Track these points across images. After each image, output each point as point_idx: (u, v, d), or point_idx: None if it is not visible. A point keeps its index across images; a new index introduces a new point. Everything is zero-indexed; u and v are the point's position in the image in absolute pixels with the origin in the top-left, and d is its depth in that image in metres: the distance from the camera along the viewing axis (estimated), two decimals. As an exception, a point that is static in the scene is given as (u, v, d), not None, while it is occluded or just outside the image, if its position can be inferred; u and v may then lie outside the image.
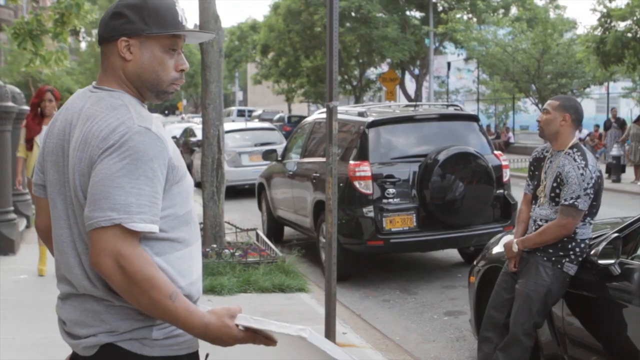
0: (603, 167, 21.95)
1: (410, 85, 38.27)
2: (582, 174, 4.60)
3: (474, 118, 9.39)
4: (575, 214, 4.62)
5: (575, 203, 4.60)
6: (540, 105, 24.53)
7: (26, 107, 11.11)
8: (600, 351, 4.56)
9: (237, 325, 2.12)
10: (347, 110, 9.73)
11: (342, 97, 46.45)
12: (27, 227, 10.88)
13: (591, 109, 33.20)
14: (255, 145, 17.39)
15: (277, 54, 42.47)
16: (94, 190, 2.04)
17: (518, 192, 16.53)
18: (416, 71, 37.00)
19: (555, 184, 4.72)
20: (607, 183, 19.76)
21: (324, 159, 7.46)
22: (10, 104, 9.37)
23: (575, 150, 4.73)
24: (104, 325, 2.13)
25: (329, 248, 6.01)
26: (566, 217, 4.64)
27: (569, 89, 24.61)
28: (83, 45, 57.99)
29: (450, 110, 9.82)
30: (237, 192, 16.96)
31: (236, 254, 8.60)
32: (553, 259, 4.71)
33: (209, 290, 7.51)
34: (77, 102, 2.23)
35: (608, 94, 29.94)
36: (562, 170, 4.67)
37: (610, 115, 25.17)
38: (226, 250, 8.61)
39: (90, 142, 2.08)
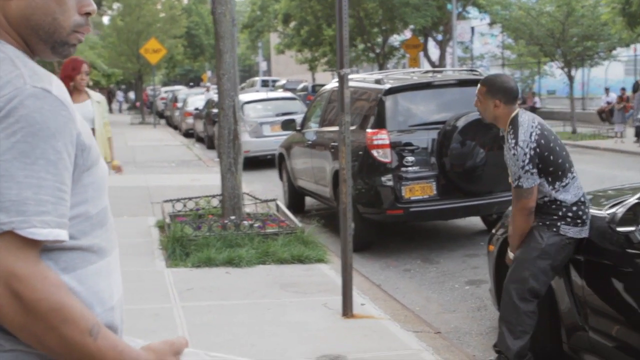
0: (630, 131, 21.58)
1: (434, 51, 37.82)
2: (514, 154, 4.54)
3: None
4: (525, 193, 4.55)
5: (519, 184, 4.54)
6: (565, 70, 24.11)
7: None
8: (622, 320, 4.43)
9: None
10: (364, 78, 9.59)
11: (366, 64, 46.12)
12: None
13: (619, 72, 32.61)
14: (277, 115, 17.25)
15: (298, 23, 42.07)
16: None
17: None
18: (439, 37, 36.54)
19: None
20: (634, 146, 19.44)
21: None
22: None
23: (509, 128, 4.64)
24: None
25: (343, 218, 5.93)
26: (518, 199, 4.61)
27: (594, 51, 24.15)
28: (105, 19, 57.99)
29: (470, 75, 9.61)
30: (259, 163, 16.89)
31: (255, 225, 8.52)
32: (547, 222, 4.63)
33: (227, 262, 7.47)
34: None
35: (635, 56, 29.40)
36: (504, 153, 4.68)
37: (638, 78, 24.67)
38: (245, 222, 8.54)
39: None
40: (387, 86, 8.60)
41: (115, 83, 48.10)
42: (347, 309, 5.87)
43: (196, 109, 27.16)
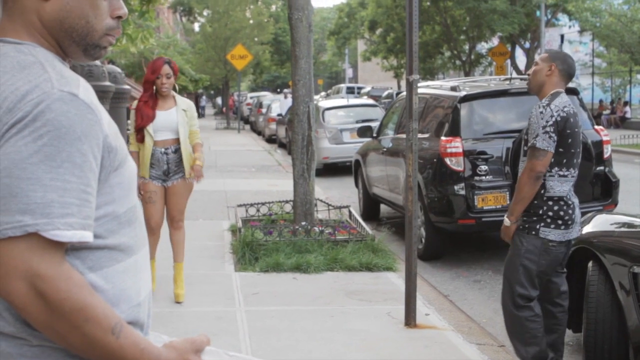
0: None
1: (522, 59, 37.22)
2: (541, 112, 4.42)
3: (572, 91, 8.94)
4: (538, 154, 4.42)
5: (534, 142, 4.42)
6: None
7: (126, 87, 11.35)
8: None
9: None
10: (440, 85, 9.48)
11: (452, 72, 45.71)
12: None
13: None
14: (357, 122, 17.20)
15: (385, 30, 42.11)
16: None
17: (630, 169, 15.84)
18: (527, 45, 35.92)
19: (526, 136, 4.59)
20: None
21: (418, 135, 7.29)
22: (107, 83, 9.55)
23: (549, 96, 4.53)
24: None
25: (409, 226, 5.85)
26: (529, 159, 4.48)
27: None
28: (196, 26, 59.11)
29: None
30: (338, 170, 16.90)
31: (325, 231, 8.51)
32: (527, 225, 4.53)
33: (295, 268, 7.47)
34: None
35: None
36: (529, 117, 4.57)
37: None
38: (315, 228, 8.54)
39: None
40: (463, 93, 8.48)
41: (203, 88, 48.94)
42: (409, 319, 5.79)
43: (279, 114, 27.39)
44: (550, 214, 4.52)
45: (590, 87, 35.75)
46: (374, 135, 11.27)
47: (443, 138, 8.31)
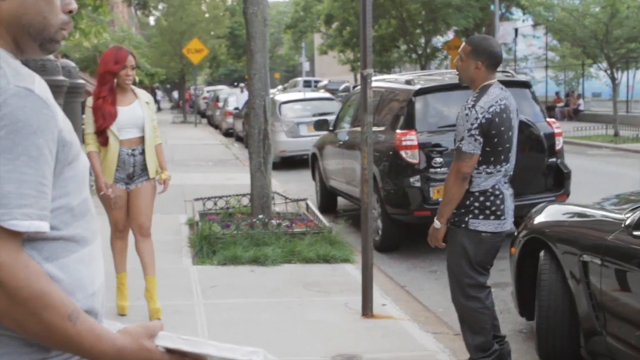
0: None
1: (476, 52, 37.53)
2: (466, 114, 4.43)
3: (525, 84, 9.11)
4: (464, 157, 4.44)
5: (460, 145, 4.44)
6: (609, 72, 23.74)
7: (80, 81, 11.25)
8: (640, 325, 4.36)
9: (157, 346, 1.66)
10: (396, 79, 9.58)
11: (408, 65, 45.94)
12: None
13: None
14: (314, 115, 17.27)
15: (341, 24, 42.19)
16: None
17: (583, 161, 16.07)
18: (482, 38, 36.23)
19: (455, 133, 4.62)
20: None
21: (372, 128, 7.35)
22: (61, 77, 9.47)
23: (477, 92, 4.53)
24: None
25: (364, 218, 5.92)
26: (455, 161, 4.51)
27: (639, 53, 23.73)
28: (151, 20, 58.59)
29: (501, 76, 9.52)
30: (295, 163, 16.94)
31: (283, 224, 8.56)
32: (456, 219, 4.59)
33: (253, 261, 7.51)
34: None
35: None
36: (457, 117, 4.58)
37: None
38: (273, 221, 8.58)
39: None
40: (417, 87, 8.57)
41: (159, 82, 48.58)
42: (366, 309, 5.87)
43: (236, 108, 27.34)
44: (477, 204, 4.54)
45: (544, 80, 36.22)
46: (331, 128, 11.34)
47: (398, 131, 8.40)
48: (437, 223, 4.71)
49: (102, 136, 5.65)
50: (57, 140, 1.58)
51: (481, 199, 4.55)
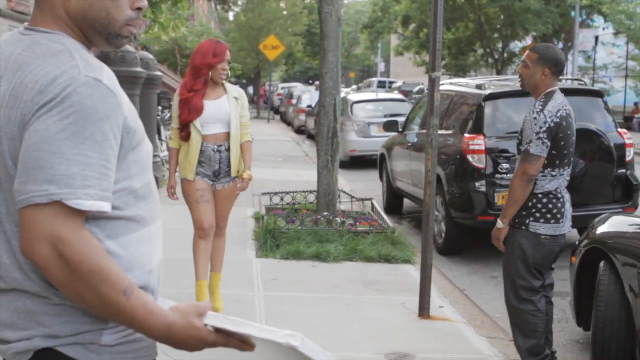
0: None
1: (554, 59, 36.98)
2: (534, 118, 4.48)
3: (598, 94, 8.99)
4: (531, 159, 4.49)
5: (528, 147, 4.49)
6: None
7: (157, 73, 11.54)
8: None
9: (206, 325, 1.74)
10: (467, 83, 9.58)
11: (484, 69, 45.51)
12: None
13: None
14: (385, 116, 17.31)
15: (418, 25, 42.01)
16: (26, 157, 1.60)
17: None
18: (560, 45, 35.72)
19: (519, 138, 4.66)
20: None
21: (440, 131, 7.37)
22: (138, 69, 9.75)
23: (543, 97, 4.58)
24: (40, 328, 1.71)
25: (426, 219, 5.97)
26: (522, 163, 4.56)
27: None
28: (230, 15, 59.32)
29: (574, 84, 9.44)
30: (364, 162, 17.02)
31: (347, 222, 8.65)
32: (517, 221, 4.63)
33: (315, 256, 7.63)
34: (4, 47, 1.76)
35: None
36: (523, 121, 4.62)
37: None
38: (337, 219, 8.68)
39: (22, 97, 1.64)
40: (488, 92, 8.57)
41: (235, 77, 49.19)
42: (423, 310, 5.92)
43: (309, 106, 27.53)
44: (539, 206, 4.61)
45: (623, 90, 35.47)
46: (400, 129, 11.38)
47: (466, 135, 8.41)
48: (499, 223, 4.78)
49: (184, 130, 5.52)
50: (122, 127, 1.70)
51: (544, 200, 4.62)
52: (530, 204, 4.63)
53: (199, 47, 5.59)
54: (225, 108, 5.55)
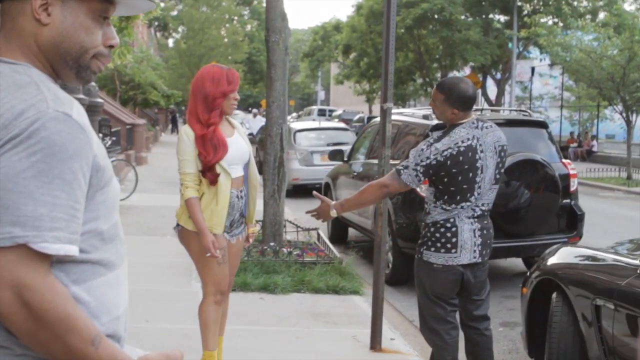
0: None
1: (492, 89, 37.70)
2: (422, 149, 4.41)
3: (542, 125, 9.12)
4: (397, 180, 4.43)
5: (400, 170, 4.41)
6: (624, 115, 23.74)
7: (99, 100, 11.34)
8: (651, 373, 4.33)
9: None
10: (413, 113, 9.60)
11: (424, 99, 46.10)
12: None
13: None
14: (328, 144, 17.33)
15: (358, 55, 42.47)
16: None
17: (594, 202, 16.00)
18: (498, 75, 36.42)
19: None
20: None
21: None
22: (80, 95, 9.57)
23: (445, 130, 4.51)
24: None
25: (377, 250, 5.92)
26: (389, 178, 4.50)
27: (656, 97, 23.74)
28: (170, 42, 59.06)
29: (519, 115, 9.56)
30: (307, 191, 16.94)
31: (293, 252, 8.56)
32: (416, 249, 4.67)
33: (262, 288, 7.50)
34: None
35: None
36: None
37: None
38: (284, 249, 8.58)
39: None
40: (434, 122, 8.59)
41: (175, 104, 48.87)
42: (375, 343, 5.85)
43: (250, 134, 27.42)
44: (429, 235, 4.56)
45: (559, 120, 36.25)
46: (345, 159, 11.36)
47: (414, 165, 8.39)
48: (333, 204, 4.63)
49: (211, 172, 4.51)
50: (92, 166, 1.60)
51: (432, 229, 4.57)
52: (423, 232, 4.64)
53: (206, 73, 4.68)
54: (244, 146, 4.76)
